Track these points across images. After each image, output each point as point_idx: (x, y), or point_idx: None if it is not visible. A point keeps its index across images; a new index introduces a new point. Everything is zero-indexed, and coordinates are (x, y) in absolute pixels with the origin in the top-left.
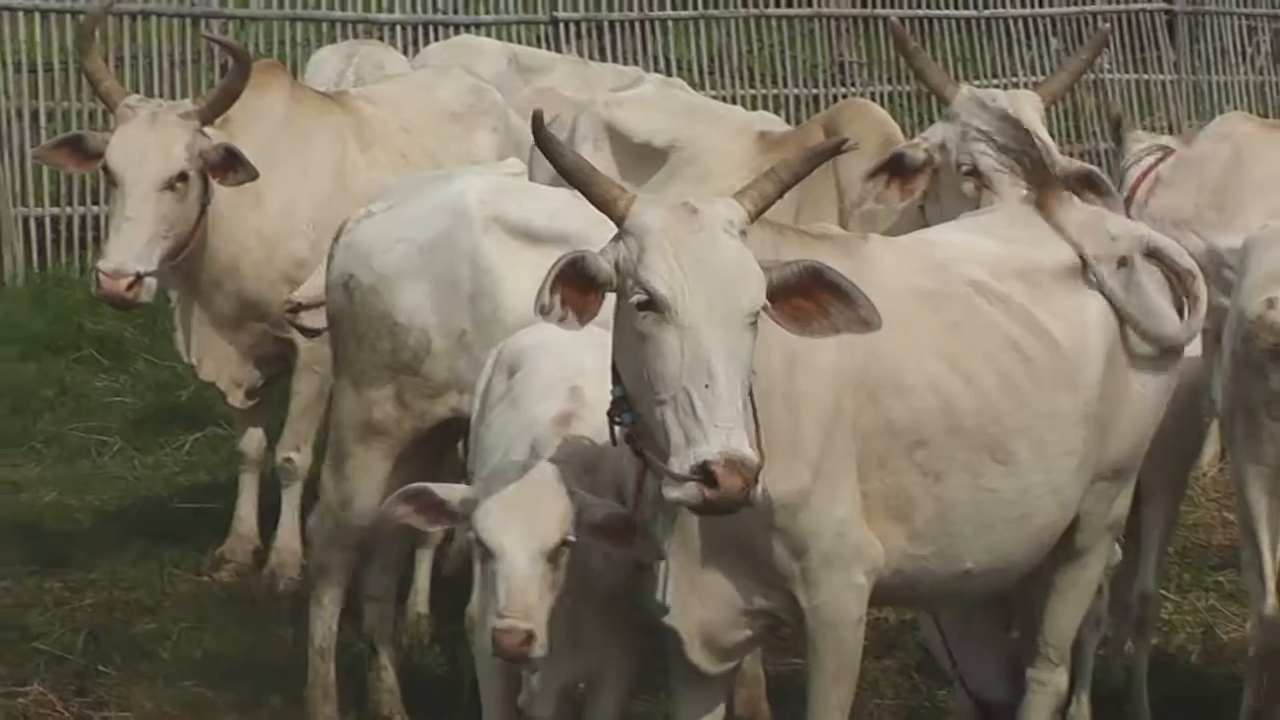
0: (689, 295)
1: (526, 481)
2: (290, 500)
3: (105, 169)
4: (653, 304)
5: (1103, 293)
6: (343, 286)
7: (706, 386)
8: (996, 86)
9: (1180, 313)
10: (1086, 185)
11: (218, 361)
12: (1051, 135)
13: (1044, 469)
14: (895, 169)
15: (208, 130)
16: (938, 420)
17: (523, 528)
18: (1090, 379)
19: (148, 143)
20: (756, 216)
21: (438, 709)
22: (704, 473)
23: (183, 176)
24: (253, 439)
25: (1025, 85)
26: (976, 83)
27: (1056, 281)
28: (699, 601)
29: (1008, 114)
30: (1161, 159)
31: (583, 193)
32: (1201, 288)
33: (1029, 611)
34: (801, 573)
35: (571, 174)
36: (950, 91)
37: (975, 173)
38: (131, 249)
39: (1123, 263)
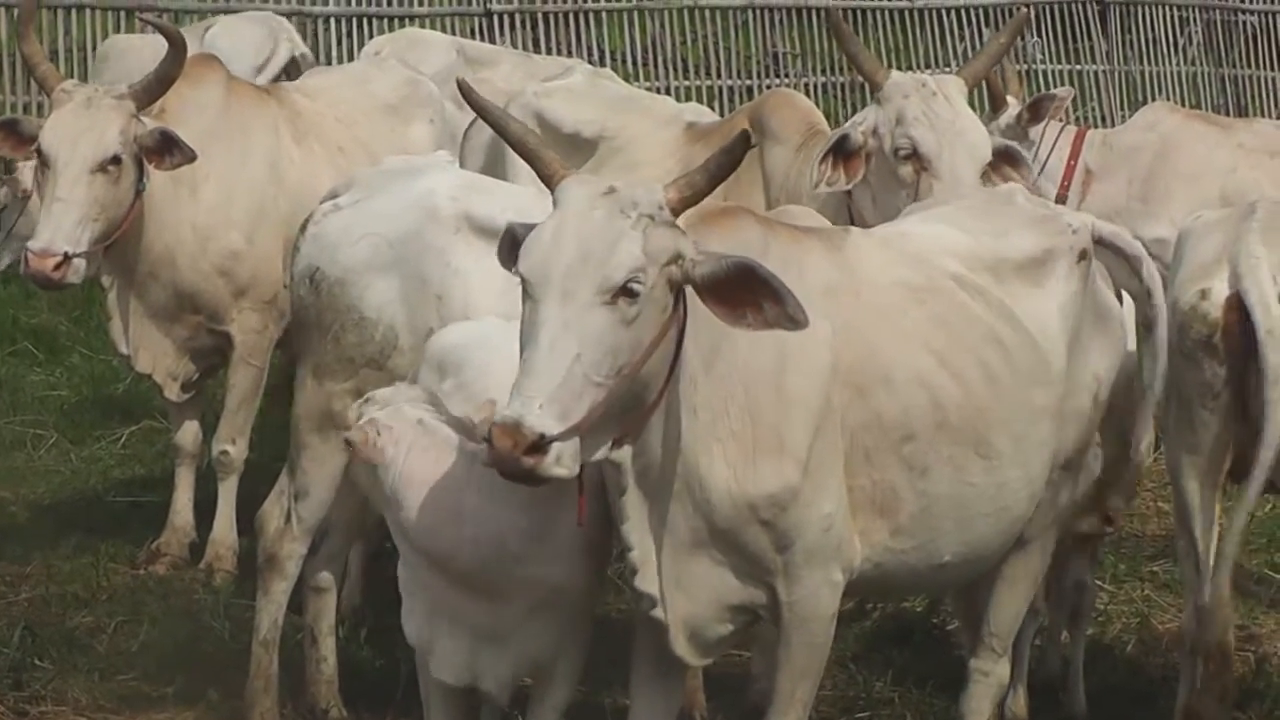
0: (547, 269)
1: None
2: (226, 493)
3: (39, 151)
4: None
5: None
6: (308, 279)
7: (529, 356)
8: (932, 75)
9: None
10: (1006, 161)
11: (153, 354)
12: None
13: (1021, 463)
14: (839, 151)
15: (143, 117)
16: (926, 415)
17: None
18: (1058, 372)
19: (81, 125)
20: (684, 204)
21: (373, 701)
22: (490, 434)
23: (115, 160)
24: (188, 432)
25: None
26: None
27: (1021, 274)
28: (685, 595)
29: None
30: (1074, 142)
31: (527, 162)
32: (1152, 271)
33: (970, 603)
34: (784, 567)
35: (517, 143)
36: (881, 77)
37: (914, 156)
38: (60, 229)
39: (1083, 256)
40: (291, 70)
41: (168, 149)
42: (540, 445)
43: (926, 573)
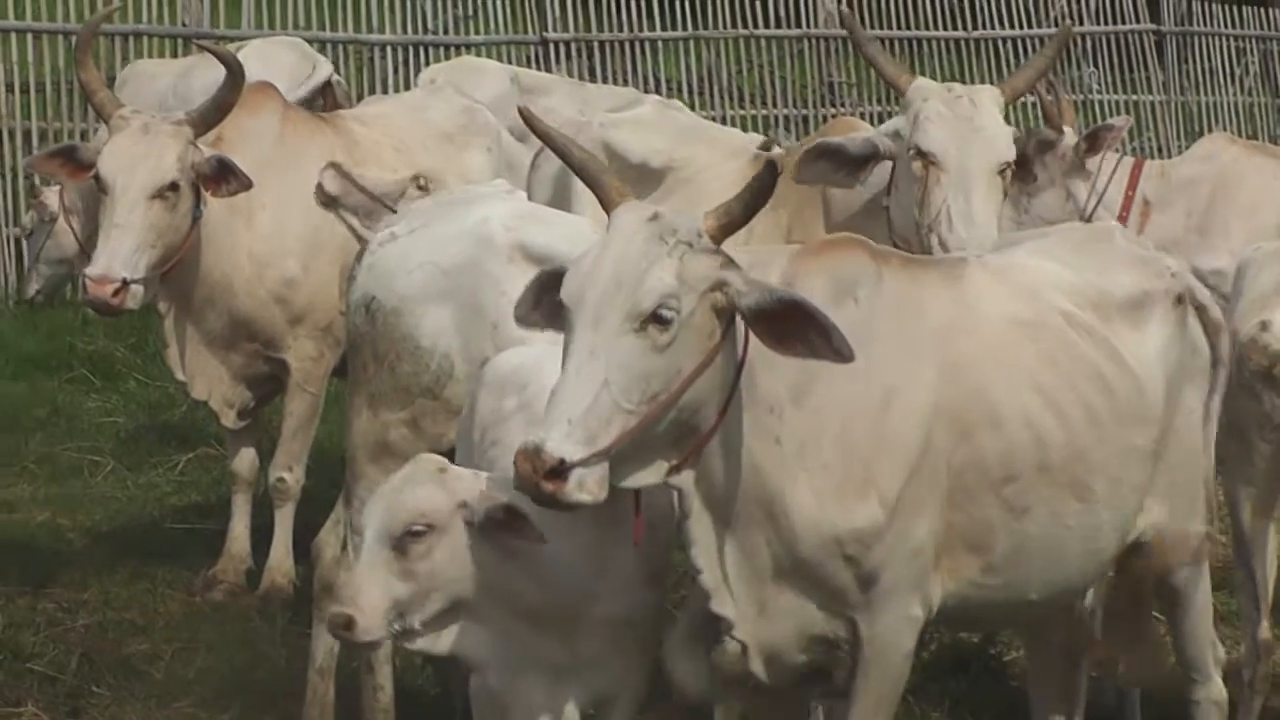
0: (582, 295)
1: (400, 472)
2: (283, 521)
3: (97, 178)
4: None
5: None
6: (364, 308)
7: (558, 382)
8: None
9: None
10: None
11: (209, 381)
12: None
13: (1115, 505)
14: (831, 154)
15: (200, 143)
16: (1030, 455)
17: (379, 515)
18: (1158, 414)
19: (139, 152)
20: (723, 232)
21: None
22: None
23: (173, 186)
24: (245, 459)
25: (1013, 104)
26: None
27: (1123, 312)
28: (768, 622)
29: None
30: (1131, 172)
31: (589, 187)
32: (1225, 345)
33: (1035, 638)
34: (866, 602)
35: (580, 169)
36: (905, 81)
37: (921, 152)
38: (118, 255)
39: (1179, 300)
40: (327, 94)
41: (224, 176)
42: (560, 470)
43: (1011, 609)
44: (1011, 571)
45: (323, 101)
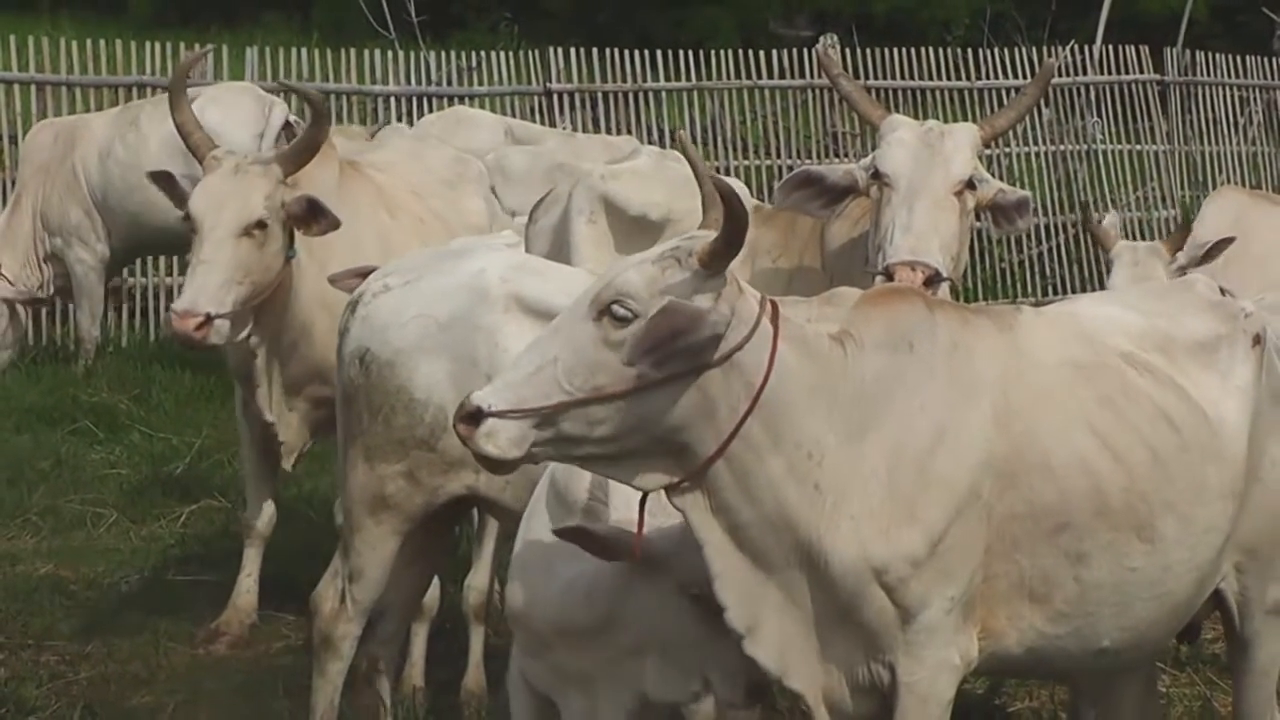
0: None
1: None
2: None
3: (187, 217)
4: None
5: None
6: (358, 360)
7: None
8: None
9: None
10: (1005, 214)
11: (284, 422)
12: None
13: (1187, 545)
14: (813, 182)
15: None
16: (1085, 501)
17: None
18: (1236, 453)
19: (227, 190)
20: (710, 258)
21: None
22: None
23: (260, 224)
24: (263, 513)
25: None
26: None
27: (1193, 355)
28: (824, 668)
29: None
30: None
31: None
32: None
33: (1106, 696)
34: (906, 644)
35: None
36: (879, 116)
37: (877, 174)
38: (204, 290)
39: (1256, 340)
40: (288, 136)
41: (313, 216)
42: (475, 416)
43: (1084, 657)
44: (1078, 619)
45: (286, 143)
